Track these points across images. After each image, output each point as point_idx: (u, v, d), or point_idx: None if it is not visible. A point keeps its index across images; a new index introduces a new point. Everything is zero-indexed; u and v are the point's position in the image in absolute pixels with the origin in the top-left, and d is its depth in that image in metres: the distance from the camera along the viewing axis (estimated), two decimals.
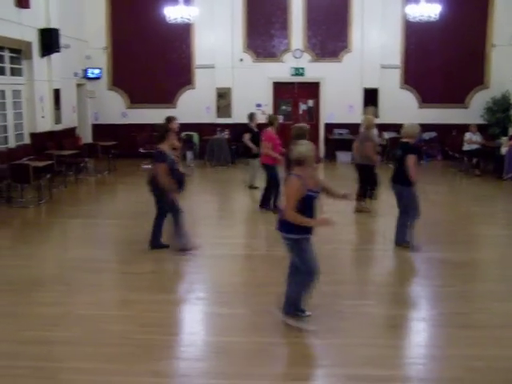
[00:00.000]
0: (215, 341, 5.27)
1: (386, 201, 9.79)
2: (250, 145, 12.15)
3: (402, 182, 7.77)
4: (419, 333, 5.49)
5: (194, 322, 5.77)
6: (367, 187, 10.36)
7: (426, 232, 8.85)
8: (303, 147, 5.27)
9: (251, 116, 12.89)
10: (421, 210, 7.89)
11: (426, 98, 17.42)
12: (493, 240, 9.03)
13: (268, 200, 10.39)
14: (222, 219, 10.40)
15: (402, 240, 7.96)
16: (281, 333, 5.24)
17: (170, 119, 10.25)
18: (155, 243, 7.98)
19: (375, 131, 11.43)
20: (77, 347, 5.05)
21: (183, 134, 16.96)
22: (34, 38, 13.82)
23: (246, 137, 12.35)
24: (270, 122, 10.54)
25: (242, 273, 7.31)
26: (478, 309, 5.99)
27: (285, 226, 5.28)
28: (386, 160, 14.30)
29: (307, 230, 5.28)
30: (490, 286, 6.83)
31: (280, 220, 5.37)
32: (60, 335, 5.28)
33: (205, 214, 10.44)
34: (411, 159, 7.59)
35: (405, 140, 7.90)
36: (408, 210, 7.86)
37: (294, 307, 5.50)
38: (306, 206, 5.18)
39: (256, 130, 12.42)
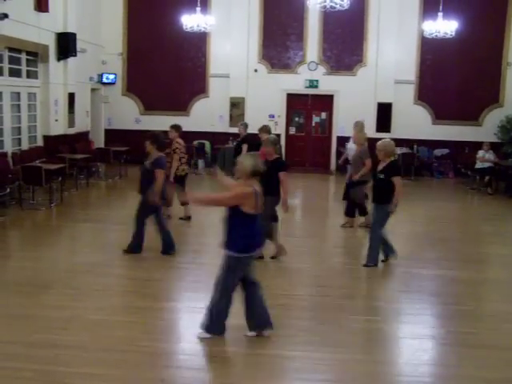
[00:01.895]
0: (219, 350, 5.24)
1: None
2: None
3: None
4: (427, 351, 5.42)
5: (198, 330, 5.73)
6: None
7: (435, 250, 8.80)
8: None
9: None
10: None
11: (440, 115, 17.38)
12: (503, 259, 8.94)
13: None
14: None
15: None
16: (284, 345, 5.20)
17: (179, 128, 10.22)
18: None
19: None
20: (84, 352, 5.04)
21: (196, 142, 17.04)
22: (51, 42, 13.95)
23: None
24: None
25: None
26: (487, 329, 5.92)
27: None
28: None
29: None
30: (499, 305, 6.76)
31: None
32: (68, 339, 5.26)
33: (210, 223, 10.29)
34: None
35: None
36: None
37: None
38: None
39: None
